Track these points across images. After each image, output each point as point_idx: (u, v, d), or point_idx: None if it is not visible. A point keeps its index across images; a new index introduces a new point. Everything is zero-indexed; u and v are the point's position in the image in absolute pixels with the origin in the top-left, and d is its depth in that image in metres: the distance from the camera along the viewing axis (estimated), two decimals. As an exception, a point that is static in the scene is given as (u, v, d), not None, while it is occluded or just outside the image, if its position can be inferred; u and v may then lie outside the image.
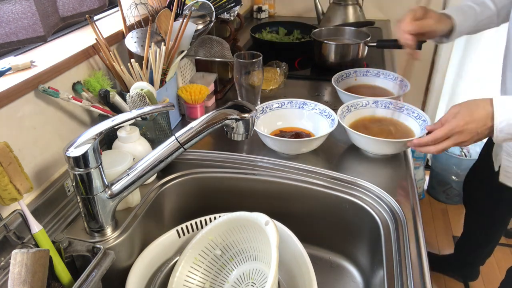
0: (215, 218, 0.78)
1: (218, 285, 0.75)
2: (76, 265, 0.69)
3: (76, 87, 0.82)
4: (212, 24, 1.04)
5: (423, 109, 2.17)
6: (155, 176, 0.87)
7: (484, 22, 0.99)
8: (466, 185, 1.48)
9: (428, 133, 0.81)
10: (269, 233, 0.62)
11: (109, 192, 0.67)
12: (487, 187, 1.28)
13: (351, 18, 1.72)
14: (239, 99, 1.11)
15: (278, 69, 1.26)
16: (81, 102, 0.79)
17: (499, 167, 1.11)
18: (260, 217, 0.65)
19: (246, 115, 0.67)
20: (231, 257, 0.75)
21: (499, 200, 1.28)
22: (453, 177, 2.07)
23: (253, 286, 0.71)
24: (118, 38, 0.97)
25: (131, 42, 0.94)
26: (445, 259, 1.75)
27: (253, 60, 1.03)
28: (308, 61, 1.51)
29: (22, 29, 0.54)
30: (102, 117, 0.84)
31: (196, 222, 0.79)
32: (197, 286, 0.74)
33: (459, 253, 1.63)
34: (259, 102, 1.11)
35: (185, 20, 0.94)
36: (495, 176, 1.14)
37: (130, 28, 0.98)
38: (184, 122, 1.09)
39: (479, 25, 0.99)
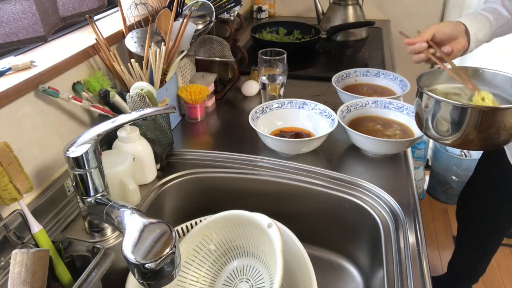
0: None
1: (211, 279, 0.75)
2: (76, 265, 0.69)
3: (76, 87, 0.82)
4: (212, 24, 1.04)
5: (423, 109, 2.16)
6: (155, 175, 0.87)
7: (501, 29, 0.94)
8: (461, 200, 1.44)
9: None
10: (273, 237, 0.62)
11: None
12: (486, 199, 1.26)
13: (351, 18, 1.73)
14: (262, 94, 1.15)
15: (277, 69, 1.26)
16: (81, 102, 0.79)
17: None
18: (262, 219, 0.65)
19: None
20: (225, 252, 0.76)
21: (497, 212, 1.26)
22: (453, 177, 2.07)
23: (247, 282, 0.71)
24: (118, 38, 0.97)
25: (131, 42, 0.94)
26: (437, 280, 1.67)
27: (278, 58, 1.07)
28: (308, 61, 1.50)
29: (22, 29, 0.54)
30: (102, 117, 0.84)
31: (196, 222, 0.79)
32: (191, 280, 0.74)
33: (452, 273, 1.57)
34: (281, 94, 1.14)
35: (185, 20, 0.94)
36: (494, 187, 1.13)
37: (130, 28, 0.98)
38: (184, 122, 1.09)
39: (496, 32, 0.94)
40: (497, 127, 0.68)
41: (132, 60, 0.88)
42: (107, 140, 0.89)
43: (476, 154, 1.96)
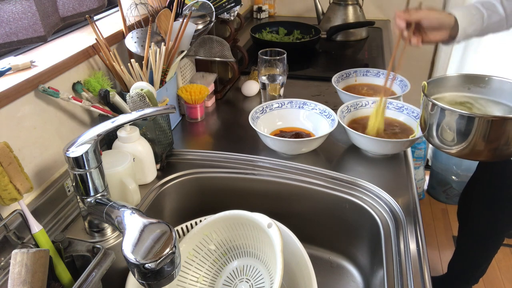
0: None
1: (211, 279, 0.75)
2: (76, 265, 0.69)
3: (76, 87, 0.82)
4: (212, 24, 1.04)
5: (423, 109, 2.16)
6: (155, 175, 0.87)
7: (493, 26, 0.93)
8: (462, 200, 1.44)
9: None
10: (273, 237, 0.62)
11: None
12: (487, 199, 1.26)
13: (351, 18, 1.73)
14: (262, 94, 1.15)
15: (277, 69, 1.26)
16: (81, 102, 0.79)
17: None
18: (262, 219, 0.65)
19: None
20: (225, 252, 0.76)
21: (497, 213, 1.25)
22: (453, 177, 2.07)
23: (247, 282, 0.71)
24: (118, 38, 0.97)
25: (131, 42, 0.94)
26: (437, 280, 1.67)
27: (278, 58, 1.07)
28: (308, 61, 1.51)
29: (22, 29, 0.54)
30: (102, 117, 0.84)
31: (196, 222, 0.79)
32: (191, 280, 0.74)
33: (452, 273, 1.57)
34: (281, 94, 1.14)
35: (185, 20, 0.94)
36: (495, 187, 1.12)
37: (130, 28, 0.98)
38: (184, 122, 1.09)
39: (487, 28, 0.93)
40: (507, 138, 0.66)
41: (132, 60, 0.88)
42: (107, 140, 0.89)
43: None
